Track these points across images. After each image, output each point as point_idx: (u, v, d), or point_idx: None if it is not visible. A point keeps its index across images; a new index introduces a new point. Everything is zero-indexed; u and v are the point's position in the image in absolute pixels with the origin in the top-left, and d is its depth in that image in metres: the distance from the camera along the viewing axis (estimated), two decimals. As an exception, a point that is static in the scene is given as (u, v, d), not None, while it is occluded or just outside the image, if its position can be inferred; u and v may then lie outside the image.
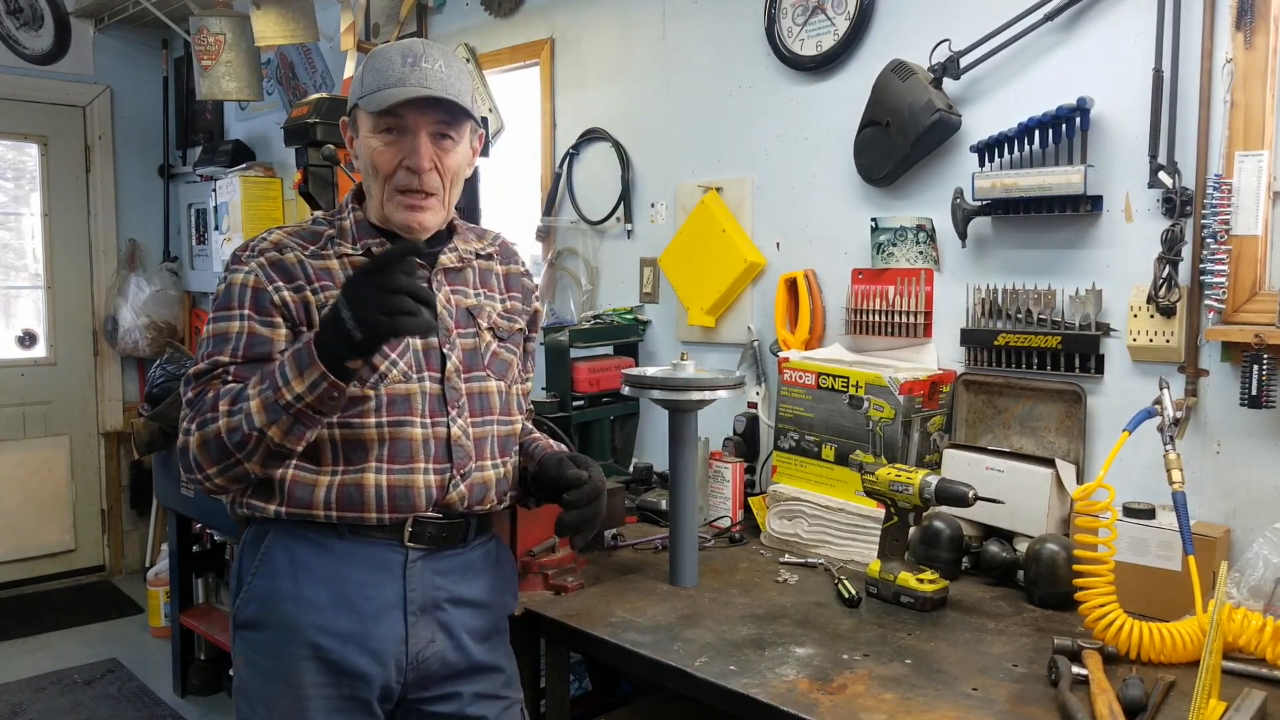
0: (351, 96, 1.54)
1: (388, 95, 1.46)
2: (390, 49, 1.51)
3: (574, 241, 3.20)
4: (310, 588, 1.49)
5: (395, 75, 1.48)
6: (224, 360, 1.48)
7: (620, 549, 2.22)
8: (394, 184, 1.51)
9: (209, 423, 1.41)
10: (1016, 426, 2.16)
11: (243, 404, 1.39)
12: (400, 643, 1.51)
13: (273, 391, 1.37)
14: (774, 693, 1.47)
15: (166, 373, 3.45)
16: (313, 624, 1.48)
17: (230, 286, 1.51)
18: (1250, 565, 1.68)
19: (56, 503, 4.99)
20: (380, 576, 1.51)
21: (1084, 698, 1.42)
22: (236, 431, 1.39)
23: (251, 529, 1.56)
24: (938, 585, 1.83)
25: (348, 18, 3.59)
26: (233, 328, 1.49)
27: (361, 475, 1.49)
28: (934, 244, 2.29)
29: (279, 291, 1.50)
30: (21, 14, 4.70)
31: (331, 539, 1.50)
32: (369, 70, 1.51)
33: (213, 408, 1.42)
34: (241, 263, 1.52)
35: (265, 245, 1.54)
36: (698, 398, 1.92)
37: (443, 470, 1.53)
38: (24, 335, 4.95)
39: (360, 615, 1.50)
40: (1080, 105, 1.97)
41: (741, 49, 2.67)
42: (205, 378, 1.48)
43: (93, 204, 5.05)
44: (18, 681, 3.80)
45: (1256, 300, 1.84)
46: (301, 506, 1.48)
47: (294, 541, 1.51)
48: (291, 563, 1.50)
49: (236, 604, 1.55)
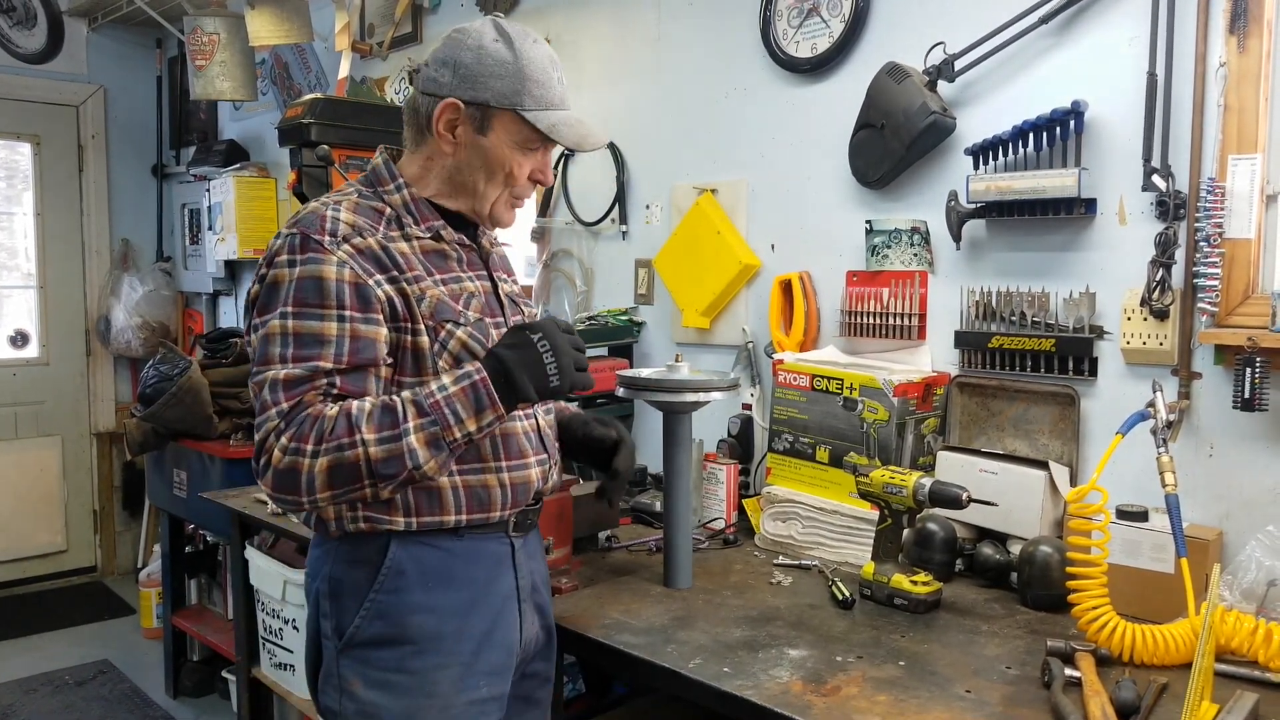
0: (496, 95, 1.44)
1: (573, 130, 1.47)
2: (537, 50, 1.47)
3: (569, 243, 3.19)
4: (442, 595, 1.46)
5: (557, 94, 1.47)
6: (325, 366, 1.34)
7: (614, 550, 2.22)
8: (514, 191, 1.52)
9: (344, 449, 1.30)
10: (1010, 429, 2.16)
11: (403, 438, 1.31)
12: (518, 631, 1.54)
13: (439, 429, 1.33)
14: (768, 694, 1.47)
15: (159, 373, 3.44)
16: (452, 630, 1.46)
17: (319, 279, 1.36)
18: (1243, 568, 1.68)
19: (48, 503, 4.98)
20: (498, 570, 1.52)
21: (1077, 700, 1.42)
22: (391, 463, 1.31)
23: (361, 542, 1.45)
24: (931, 587, 1.83)
25: (342, 18, 3.59)
26: (329, 329, 1.35)
27: (484, 476, 1.47)
28: (928, 246, 2.29)
29: (380, 286, 1.39)
30: (14, 13, 4.68)
31: (453, 541, 1.47)
32: (529, 79, 1.44)
33: (348, 432, 1.30)
34: (325, 250, 1.37)
35: (344, 229, 1.40)
36: (692, 399, 1.91)
37: (543, 461, 1.58)
38: (16, 335, 4.94)
39: (490, 612, 1.50)
40: (1074, 108, 1.98)
41: (737, 51, 2.67)
42: (302, 385, 1.33)
43: (86, 204, 5.04)
44: (9, 683, 3.79)
45: (1249, 303, 1.84)
46: (431, 515, 1.44)
47: (421, 550, 1.45)
48: (421, 573, 1.44)
49: (352, 623, 1.44)
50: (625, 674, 1.79)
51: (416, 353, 1.42)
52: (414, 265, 1.44)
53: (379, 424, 1.32)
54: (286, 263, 1.37)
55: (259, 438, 1.34)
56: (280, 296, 1.37)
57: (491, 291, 1.56)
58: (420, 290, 1.42)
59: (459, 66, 1.44)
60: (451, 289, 1.47)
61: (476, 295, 1.51)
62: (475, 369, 1.38)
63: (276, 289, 1.37)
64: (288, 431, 1.31)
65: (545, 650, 1.66)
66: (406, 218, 1.48)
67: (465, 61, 1.44)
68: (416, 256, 1.45)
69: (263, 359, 1.36)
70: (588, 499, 2.15)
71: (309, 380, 1.34)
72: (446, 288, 1.47)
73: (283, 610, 2.63)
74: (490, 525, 1.50)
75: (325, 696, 1.49)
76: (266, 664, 2.76)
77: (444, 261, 1.50)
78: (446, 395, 1.35)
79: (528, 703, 1.64)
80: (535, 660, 1.63)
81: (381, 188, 1.50)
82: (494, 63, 1.43)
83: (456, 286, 1.49)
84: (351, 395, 1.36)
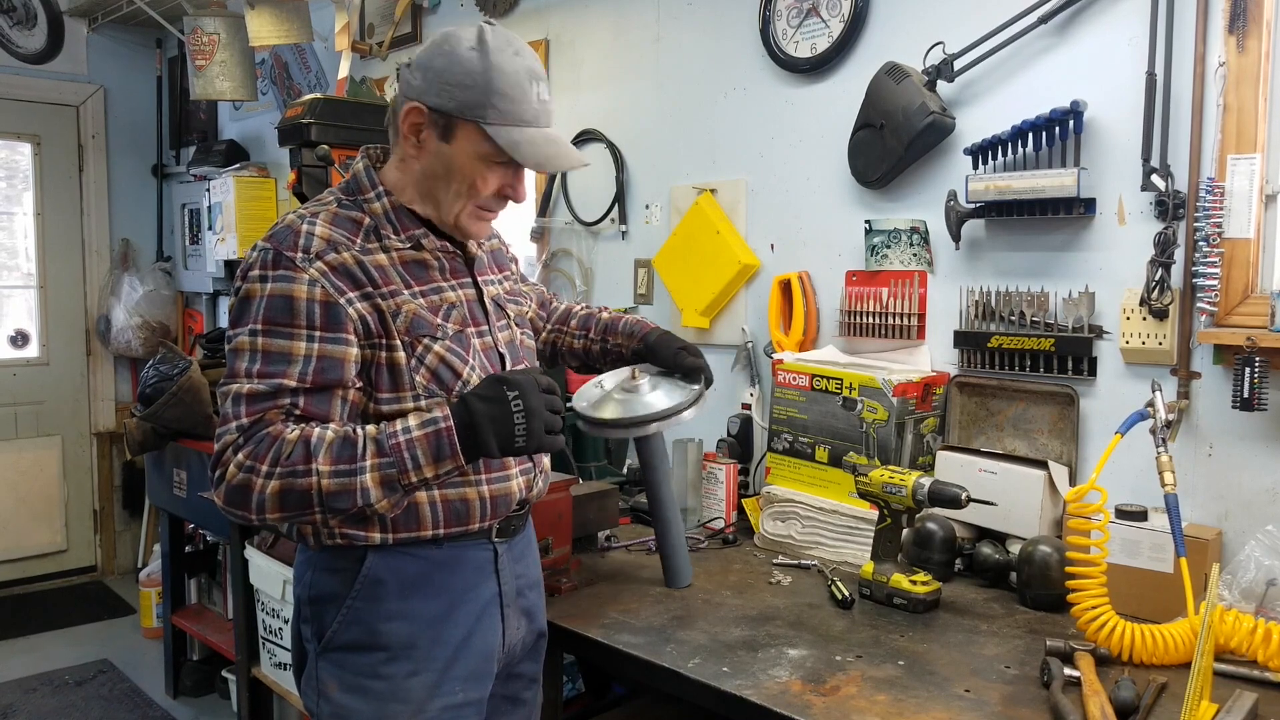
0: (460, 106, 1.40)
1: (536, 151, 1.42)
2: (514, 63, 1.41)
3: (568, 243, 3.19)
4: (419, 603, 1.46)
5: (531, 110, 1.42)
6: (289, 385, 1.33)
7: (613, 550, 2.22)
8: (479, 201, 1.47)
9: (298, 475, 1.29)
10: (1009, 428, 2.16)
11: (356, 475, 1.30)
12: (500, 636, 1.54)
13: (396, 471, 1.31)
14: (767, 694, 1.47)
15: (159, 373, 3.43)
16: (427, 637, 1.46)
17: (289, 298, 1.34)
18: (1242, 567, 1.68)
19: (48, 503, 4.98)
20: (479, 577, 1.52)
21: (1076, 699, 1.42)
22: (342, 497, 1.30)
23: (339, 553, 1.45)
24: (930, 587, 1.83)
25: (342, 18, 3.58)
26: (298, 348, 1.34)
27: (463, 489, 1.46)
28: (928, 246, 2.29)
29: (351, 304, 1.37)
30: (15, 13, 4.68)
31: (432, 550, 1.47)
32: (496, 92, 1.39)
33: (304, 459, 1.29)
34: (297, 268, 1.35)
35: (318, 245, 1.38)
36: (655, 429, 1.79)
37: (527, 471, 1.57)
38: (16, 335, 4.94)
39: (468, 619, 1.49)
40: (1074, 108, 1.98)
41: (736, 51, 2.67)
42: (264, 402, 1.32)
43: (86, 203, 5.04)
44: (9, 682, 3.79)
45: (1248, 303, 1.84)
46: (408, 530, 1.44)
47: (399, 560, 1.45)
48: (399, 582, 1.45)
49: (330, 628, 1.45)
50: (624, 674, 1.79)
51: (393, 368, 1.41)
52: (391, 279, 1.41)
53: (336, 456, 1.30)
54: (258, 278, 1.36)
55: (217, 448, 1.33)
56: (250, 312, 1.36)
57: (475, 299, 1.53)
58: (396, 305, 1.40)
59: (429, 71, 1.42)
60: (431, 301, 1.45)
61: (458, 305, 1.49)
62: (443, 416, 1.34)
63: (248, 304, 1.36)
64: (245, 448, 1.30)
65: (534, 652, 1.65)
66: (386, 227, 1.45)
67: (437, 67, 1.41)
68: (395, 269, 1.43)
69: (230, 372, 1.36)
70: (587, 499, 2.15)
71: (271, 397, 1.32)
72: (425, 300, 1.44)
73: (282, 610, 2.63)
74: (470, 534, 1.50)
75: (306, 698, 1.52)
76: (266, 663, 2.76)
77: (424, 272, 1.47)
78: (409, 439, 1.32)
79: (514, 703, 1.63)
80: (523, 661, 1.63)
81: (361, 196, 1.47)
82: (463, 72, 1.39)
83: (436, 298, 1.46)
84: (314, 417, 1.34)
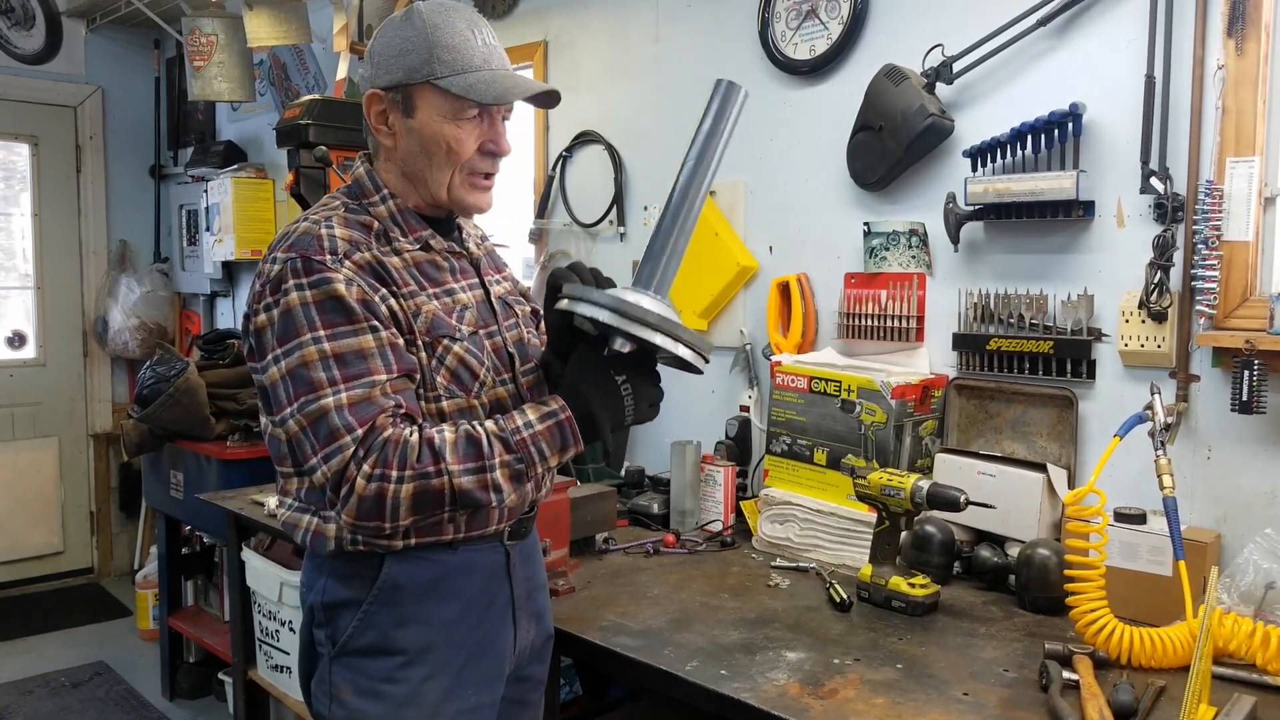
0: (408, 72, 1.39)
1: (493, 86, 1.39)
2: (449, 17, 1.41)
3: (567, 244, 3.19)
4: (435, 607, 1.45)
5: (478, 56, 1.41)
6: (380, 379, 1.31)
7: (611, 553, 2.21)
8: (469, 167, 1.44)
9: (430, 477, 1.28)
10: (1008, 431, 2.16)
11: (489, 472, 1.31)
12: (512, 639, 1.53)
13: (524, 465, 1.33)
14: (765, 697, 1.47)
15: (156, 374, 3.43)
16: (442, 641, 1.45)
17: (337, 298, 1.31)
18: (1240, 570, 1.68)
19: (45, 504, 4.97)
20: (493, 581, 1.51)
21: (1074, 702, 1.42)
22: (477, 494, 1.31)
23: (357, 559, 1.43)
24: (929, 590, 1.82)
25: (340, 19, 3.58)
26: (367, 342, 1.31)
27: None
28: (926, 248, 2.29)
29: (385, 301, 1.36)
30: (13, 14, 4.68)
31: (448, 555, 1.46)
32: (438, 45, 1.38)
33: (433, 461, 1.28)
34: (330, 269, 1.32)
35: (342, 245, 1.36)
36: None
37: None
38: (13, 336, 4.93)
39: (483, 622, 1.49)
40: (1073, 111, 1.98)
41: (735, 52, 2.67)
42: (369, 408, 1.29)
43: (83, 204, 5.03)
44: (5, 684, 3.78)
45: (1247, 306, 1.84)
46: (429, 534, 1.42)
47: (415, 566, 1.43)
48: (415, 587, 1.43)
49: (345, 632, 1.43)
50: (622, 676, 1.79)
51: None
52: (407, 280, 1.40)
53: (464, 455, 1.30)
54: (295, 287, 1.32)
55: (335, 466, 1.28)
56: (301, 322, 1.31)
57: (484, 299, 1.53)
58: (416, 306, 1.39)
59: (373, 56, 1.43)
60: (444, 303, 1.44)
61: (470, 307, 1.48)
62: (560, 406, 1.35)
63: (292, 316, 1.32)
64: (369, 458, 1.27)
65: (541, 654, 1.65)
66: (394, 230, 1.44)
67: (377, 50, 1.43)
68: (409, 270, 1.42)
69: (307, 388, 1.30)
70: (585, 501, 2.15)
71: (371, 400, 1.30)
72: (439, 301, 1.44)
73: (279, 612, 2.62)
74: (486, 537, 1.49)
75: (317, 703, 1.49)
76: (263, 666, 2.75)
77: (437, 273, 1.46)
78: (533, 433, 1.33)
79: (521, 705, 1.63)
80: (531, 664, 1.62)
81: (366, 199, 1.46)
82: (400, 40, 1.40)
83: (449, 300, 1.46)
84: (412, 412, 1.34)
